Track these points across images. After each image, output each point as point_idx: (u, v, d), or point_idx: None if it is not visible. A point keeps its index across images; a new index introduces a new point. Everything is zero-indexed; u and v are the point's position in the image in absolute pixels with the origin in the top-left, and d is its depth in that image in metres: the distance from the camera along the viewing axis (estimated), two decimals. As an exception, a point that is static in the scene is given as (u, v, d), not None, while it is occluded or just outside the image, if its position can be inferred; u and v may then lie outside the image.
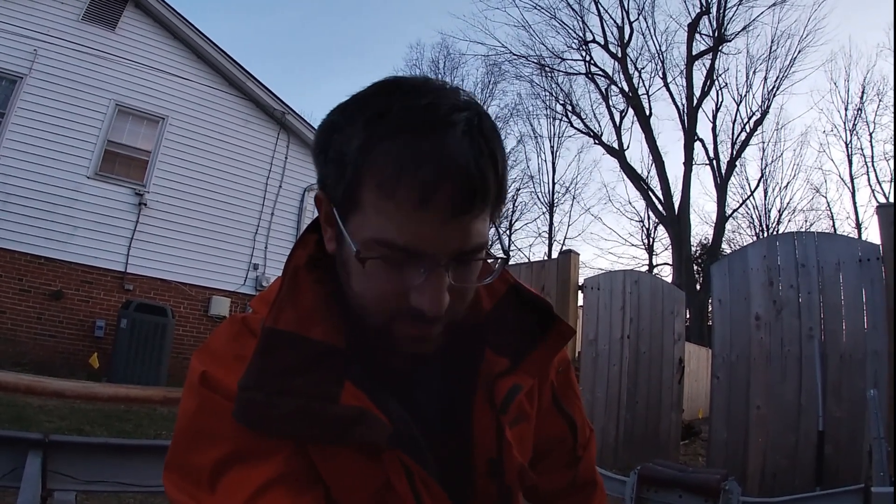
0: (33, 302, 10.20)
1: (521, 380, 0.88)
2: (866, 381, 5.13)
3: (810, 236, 6.13)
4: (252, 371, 0.75)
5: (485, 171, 0.71)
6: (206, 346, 0.83)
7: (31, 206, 10.25)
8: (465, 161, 0.69)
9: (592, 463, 1.19)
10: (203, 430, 0.75)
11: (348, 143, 0.73)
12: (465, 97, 0.76)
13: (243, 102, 12.60)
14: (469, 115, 0.72)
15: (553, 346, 0.93)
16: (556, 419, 1.07)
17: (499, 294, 0.93)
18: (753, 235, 27.76)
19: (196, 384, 0.77)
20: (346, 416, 0.74)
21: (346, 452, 0.76)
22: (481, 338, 0.90)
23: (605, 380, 7.30)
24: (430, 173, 0.68)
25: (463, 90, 0.77)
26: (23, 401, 6.83)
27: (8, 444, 2.93)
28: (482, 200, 0.72)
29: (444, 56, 32.55)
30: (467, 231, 0.72)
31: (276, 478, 0.72)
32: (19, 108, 10.39)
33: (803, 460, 5.41)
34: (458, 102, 0.73)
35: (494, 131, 0.75)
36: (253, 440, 0.73)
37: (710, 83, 24.51)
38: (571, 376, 1.12)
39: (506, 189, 0.77)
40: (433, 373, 0.88)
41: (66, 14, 11.01)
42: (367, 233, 0.73)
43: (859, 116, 25.96)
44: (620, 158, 25.81)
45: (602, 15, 25.51)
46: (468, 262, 0.76)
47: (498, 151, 0.74)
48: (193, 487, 0.73)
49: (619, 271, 8.38)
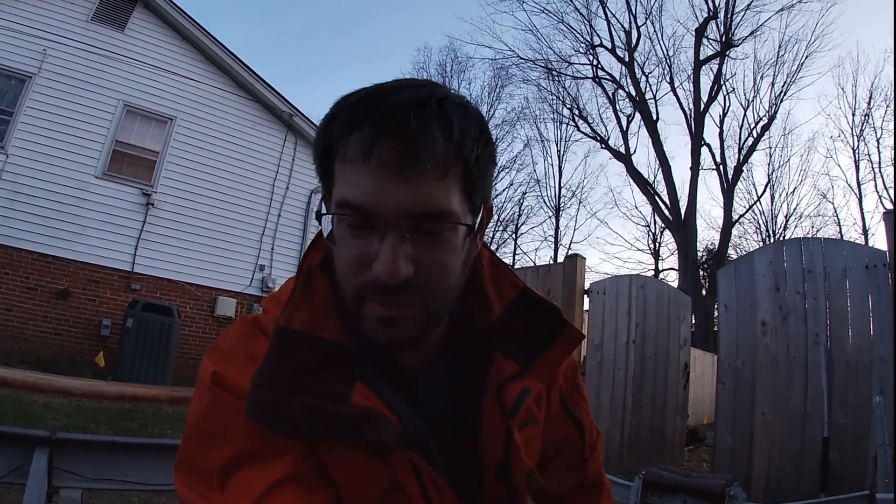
0: (40, 300, 10.24)
1: (530, 384, 0.89)
2: (872, 388, 5.12)
3: (817, 242, 6.11)
4: (265, 369, 0.76)
5: (430, 131, 0.72)
6: (217, 346, 0.84)
7: (39, 205, 10.29)
8: (407, 119, 0.71)
9: (600, 465, 1.20)
10: (214, 429, 0.76)
11: (321, 129, 0.79)
12: (444, 88, 0.79)
13: (251, 104, 12.62)
14: (429, 91, 0.75)
15: (562, 350, 0.93)
16: (565, 422, 1.08)
17: (508, 298, 0.93)
18: (760, 241, 27.69)
19: (208, 383, 0.78)
20: (356, 416, 0.75)
21: (355, 452, 0.77)
22: (491, 342, 0.90)
23: (611, 384, 7.29)
24: (372, 129, 0.72)
25: (454, 91, 0.79)
26: (29, 398, 6.85)
27: (15, 441, 2.94)
28: (429, 160, 0.72)
29: (452, 59, 32.50)
30: (417, 192, 0.73)
31: (285, 477, 0.72)
32: (28, 108, 10.43)
33: (808, 466, 5.40)
34: (424, 84, 0.78)
35: (460, 107, 0.77)
36: (263, 440, 0.74)
37: (718, 88, 24.48)
38: (579, 379, 1.12)
39: (473, 162, 0.76)
40: (443, 375, 0.90)
41: (75, 14, 11.05)
42: (334, 200, 0.78)
43: (867, 122, 25.81)
44: (627, 163, 25.79)
45: (609, 19, 25.49)
46: (427, 230, 0.75)
47: (456, 121, 0.74)
48: (204, 487, 0.74)
49: (625, 276, 8.37)
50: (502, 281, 0.95)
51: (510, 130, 31.80)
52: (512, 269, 0.96)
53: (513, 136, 37.80)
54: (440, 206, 0.74)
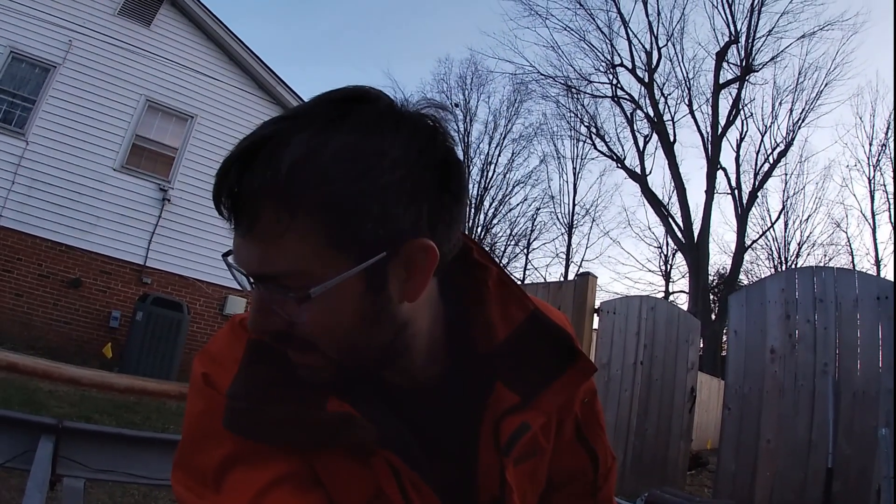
0: (51, 288, 10.33)
1: (531, 418, 0.83)
2: (878, 420, 5.08)
3: (829, 271, 6.08)
4: (239, 381, 0.76)
5: (251, 189, 0.65)
6: (206, 349, 0.84)
7: (56, 194, 10.40)
8: (228, 175, 0.67)
9: (611, 493, 1.13)
10: (208, 430, 0.76)
11: None
12: (309, 116, 0.68)
13: (272, 106, 12.66)
14: (272, 132, 0.67)
15: (570, 384, 0.86)
16: (579, 451, 1.03)
17: (515, 322, 0.86)
18: (772, 267, 27.51)
19: (200, 385, 0.79)
20: (333, 420, 0.74)
21: (338, 458, 0.76)
22: (493, 368, 0.84)
23: (616, 404, 7.26)
24: (216, 186, 0.68)
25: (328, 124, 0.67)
26: (34, 384, 6.88)
27: (21, 426, 2.96)
28: (254, 221, 0.66)
29: (472, 72, 32.55)
30: (254, 252, 0.68)
31: (281, 477, 0.73)
32: (51, 97, 10.54)
33: (811, 496, 5.35)
34: (290, 117, 0.69)
35: (312, 147, 0.65)
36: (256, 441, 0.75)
37: (736, 112, 24.37)
38: (597, 406, 1.06)
39: (337, 206, 0.65)
40: (439, 401, 0.86)
41: (102, 7, 11.18)
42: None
43: (883, 152, 25.60)
44: (642, 183, 25.70)
45: (631, 39, 25.42)
46: (283, 289, 0.69)
47: (292, 169, 0.64)
48: (200, 487, 0.75)
49: (636, 296, 8.35)
50: (509, 303, 0.86)
51: (527, 146, 31.95)
52: (523, 290, 0.88)
53: (529, 152, 38.01)
54: (272, 268, 0.68)
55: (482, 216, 30.39)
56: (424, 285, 0.74)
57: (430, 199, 0.70)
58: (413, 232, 0.70)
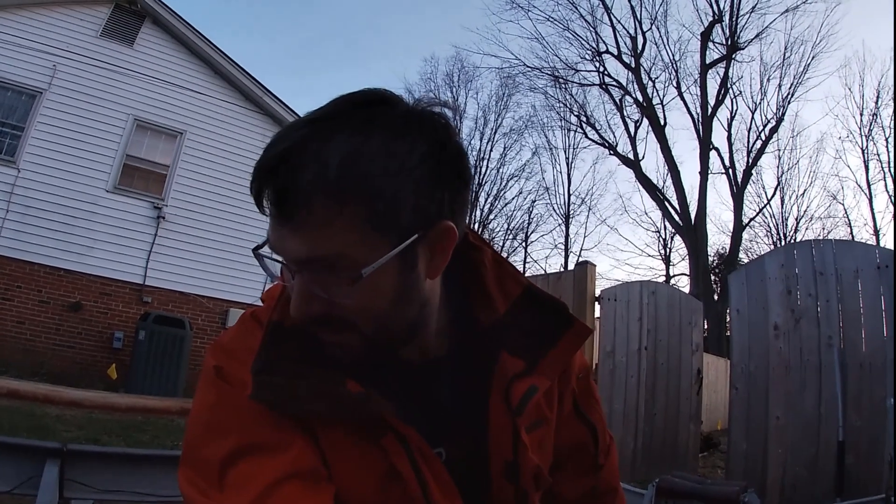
0: (52, 313, 10.32)
1: (537, 381, 0.89)
2: (887, 390, 5.06)
3: (828, 244, 6.06)
4: (262, 358, 0.79)
5: (300, 180, 0.70)
6: (218, 342, 0.87)
7: (51, 219, 10.39)
8: (276, 170, 0.72)
9: (614, 471, 1.19)
10: (216, 422, 0.78)
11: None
12: (340, 117, 0.75)
13: (260, 117, 12.69)
14: (311, 132, 0.73)
15: (570, 346, 0.93)
16: (578, 425, 1.08)
17: (513, 296, 0.94)
18: (771, 244, 27.49)
19: (212, 377, 0.81)
20: (353, 396, 0.78)
21: (351, 438, 0.80)
22: (497, 339, 0.91)
23: (623, 392, 7.24)
24: (257, 182, 0.74)
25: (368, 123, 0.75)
26: (41, 410, 6.88)
27: (26, 452, 2.96)
28: (302, 209, 0.71)
29: (459, 69, 32.52)
30: (300, 240, 0.72)
31: (288, 473, 0.74)
32: (39, 123, 10.55)
33: (824, 471, 5.34)
34: (321, 118, 0.75)
35: (349, 141, 0.72)
36: (265, 433, 0.76)
37: (725, 91, 24.42)
38: (591, 382, 1.13)
39: (375, 195, 0.72)
40: (448, 373, 0.91)
41: (84, 30, 11.19)
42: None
43: (875, 121, 25.59)
44: (636, 169, 25.74)
45: (615, 26, 25.48)
46: (325, 274, 0.74)
47: (338, 161, 0.71)
48: (204, 481, 0.75)
49: (636, 282, 8.33)
50: (505, 279, 0.95)
51: (518, 139, 31.80)
52: (516, 268, 0.96)
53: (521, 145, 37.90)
54: (324, 252, 0.72)
55: (478, 212, 30.32)
56: (445, 263, 0.83)
57: (450, 186, 0.79)
58: (438, 216, 0.78)
